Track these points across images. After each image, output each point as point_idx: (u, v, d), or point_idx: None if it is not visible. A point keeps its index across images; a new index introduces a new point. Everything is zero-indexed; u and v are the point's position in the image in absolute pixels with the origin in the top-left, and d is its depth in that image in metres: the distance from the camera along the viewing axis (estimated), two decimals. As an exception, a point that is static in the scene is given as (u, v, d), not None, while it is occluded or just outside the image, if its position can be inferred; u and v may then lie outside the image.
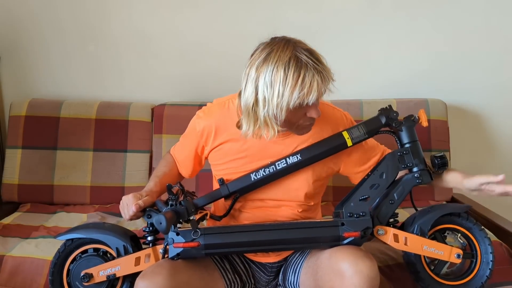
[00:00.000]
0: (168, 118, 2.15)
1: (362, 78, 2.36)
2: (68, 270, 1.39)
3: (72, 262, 1.39)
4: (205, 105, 1.54)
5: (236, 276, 1.46)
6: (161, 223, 1.19)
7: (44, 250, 1.70)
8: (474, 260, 1.41)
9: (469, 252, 1.42)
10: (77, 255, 1.40)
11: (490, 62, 2.33)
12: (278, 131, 1.30)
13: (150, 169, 2.16)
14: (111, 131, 2.16)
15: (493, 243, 1.48)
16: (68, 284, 1.39)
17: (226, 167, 1.46)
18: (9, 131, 2.18)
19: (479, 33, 2.31)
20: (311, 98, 1.23)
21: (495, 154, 2.40)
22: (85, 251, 1.40)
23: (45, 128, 2.15)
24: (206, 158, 1.53)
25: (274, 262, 1.49)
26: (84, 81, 2.36)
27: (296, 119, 1.31)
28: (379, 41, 2.33)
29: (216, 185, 1.48)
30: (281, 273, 1.51)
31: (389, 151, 1.52)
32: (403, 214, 1.50)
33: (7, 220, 1.96)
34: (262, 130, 1.30)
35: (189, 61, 2.33)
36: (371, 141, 1.52)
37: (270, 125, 1.29)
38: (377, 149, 1.53)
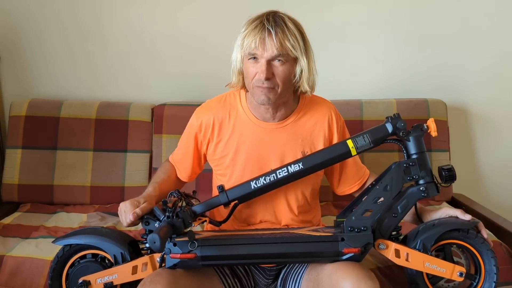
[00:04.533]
0: (168, 118, 2.15)
1: (362, 78, 2.35)
2: (67, 274, 1.39)
3: (71, 266, 1.39)
4: (205, 105, 1.56)
5: (236, 280, 1.46)
6: (155, 243, 1.16)
7: (44, 250, 1.69)
8: (478, 277, 1.38)
9: (472, 274, 1.39)
10: (75, 260, 1.39)
11: (490, 62, 2.33)
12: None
13: (150, 169, 2.16)
14: (111, 131, 2.16)
15: (493, 243, 1.48)
16: None
17: (227, 160, 1.47)
18: (9, 131, 2.18)
19: (479, 33, 2.32)
20: (248, 42, 1.34)
21: (494, 154, 2.39)
22: (84, 256, 1.39)
23: (45, 128, 2.15)
24: (205, 155, 1.53)
25: (273, 266, 1.48)
26: (84, 81, 2.35)
27: (249, 74, 1.37)
28: (379, 41, 2.33)
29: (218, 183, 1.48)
30: (280, 279, 1.50)
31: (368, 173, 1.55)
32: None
33: (7, 220, 1.95)
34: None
35: (189, 61, 2.33)
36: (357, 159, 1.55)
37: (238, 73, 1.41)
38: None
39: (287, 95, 1.42)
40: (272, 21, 1.34)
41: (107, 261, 1.39)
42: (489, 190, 2.40)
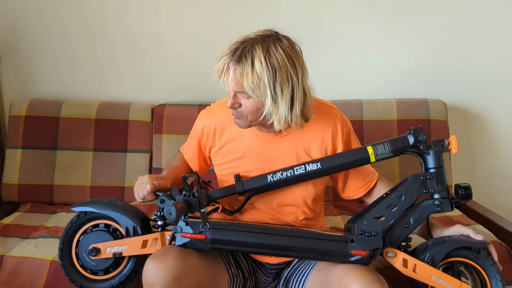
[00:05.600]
0: (168, 118, 2.15)
1: (362, 78, 2.35)
2: (78, 241, 1.44)
3: (82, 234, 1.44)
4: (205, 105, 1.57)
5: (239, 271, 1.47)
6: (171, 214, 1.20)
7: (44, 250, 1.69)
8: None
9: None
10: (88, 227, 1.44)
11: (490, 62, 2.33)
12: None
13: (150, 169, 2.16)
14: (111, 131, 2.16)
15: (493, 243, 1.48)
16: (76, 254, 1.43)
17: (228, 167, 1.47)
18: (9, 131, 2.18)
19: (479, 33, 2.32)
20: (215, 69, 1.33)
21: (495, 154, 2.39)
22: (97, 225, 1.44)
23: (45, 128, 2.15)
24: (210, 157, 1.55)
25: (273, 263, 1.49)
26: (84, 81, 2.36)
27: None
28: (379, 41, 2.33)
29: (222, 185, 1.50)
30: (283, 278, 1.50)
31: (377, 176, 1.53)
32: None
33: (7, 220, 1.95)
34: None
35: (189, 61, 2.33)
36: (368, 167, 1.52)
37: None
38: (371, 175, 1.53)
39: (266, 122, 1.36)
40: (237, 56, 1.28)
41: (118, 233, 1.43)
42: (489, 190, 2.40)
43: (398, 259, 1.34)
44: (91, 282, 1.43)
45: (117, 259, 1.41)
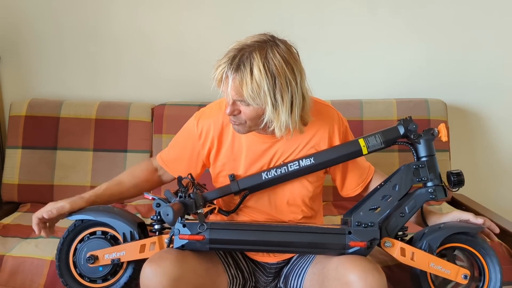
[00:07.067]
0: (168, 118, 2.15)
1: (362, 78, 2.36)
2: (75, 249, 1.43)
3: (80, 242, 1.43)
4: (205, 105, 1.55)
5: (238, 272, 1.47)
6: (168, 215, 1.20)
7: (44, 250, 1.69)
8: (481, 283, 1.39)
9: (477, 277, 1.39)
10: (85, 235, 1.43)
11: (490, 62, 2.33)
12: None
13: (150, 169, 2.16)
14: (111, 131, 2.16)
15: (493, 244, 1.48)
16: (74, 263, 1.42)
17: (225, 168, 1.47)
18: (9, 131, 2.18)
19: (479, 33, 2.32)
20: (213, 77, 1.31)
21: (495, 154, 2.39)
22: (94, 233, 1.43)
23: (45, 128, 2.15)
24: (204, 163, 1.51)
25: (273, 263, 1.49)
26: (84, 81, 2.36)
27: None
28: (379, 41, 2.33)
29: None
30: (283, 275, 1.50)
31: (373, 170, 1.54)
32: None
33: (7, 220, 1.95)
34: None
35: (189, 61, 2.33)
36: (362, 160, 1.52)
37: None
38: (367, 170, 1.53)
39: (267, 128, 1.36)
40: (235, 65, 1.26)
41: (116, 239, 1.42)
42: (489, 190, 2.40)
43: (396, 249, 1.35)
44: None
45: (116, 266, 1.40)
